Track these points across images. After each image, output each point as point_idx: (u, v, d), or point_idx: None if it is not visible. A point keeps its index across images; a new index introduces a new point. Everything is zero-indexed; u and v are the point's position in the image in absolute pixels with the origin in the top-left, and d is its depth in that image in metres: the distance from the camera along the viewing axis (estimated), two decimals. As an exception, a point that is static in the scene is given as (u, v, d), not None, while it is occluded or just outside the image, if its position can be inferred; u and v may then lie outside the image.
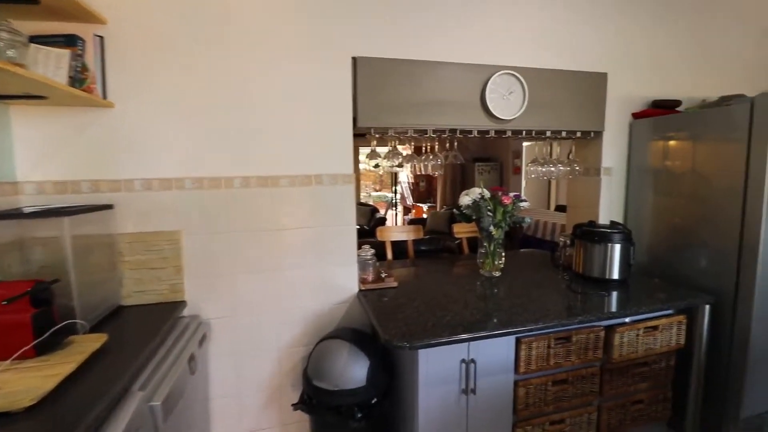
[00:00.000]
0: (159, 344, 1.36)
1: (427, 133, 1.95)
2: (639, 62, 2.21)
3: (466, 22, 1.91)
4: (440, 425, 1.47)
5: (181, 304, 1.64)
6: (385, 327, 1.44)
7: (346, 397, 1.52)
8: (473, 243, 2.42)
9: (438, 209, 7.40)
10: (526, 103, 1.98)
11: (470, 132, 1.99)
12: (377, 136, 1.93)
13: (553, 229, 4.80)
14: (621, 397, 1.70)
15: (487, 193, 2.00)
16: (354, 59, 1.76)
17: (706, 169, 1.85)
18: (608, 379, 1.66)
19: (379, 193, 10.76)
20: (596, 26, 2.12)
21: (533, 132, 2.09)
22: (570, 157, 2.29)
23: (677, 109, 2.15)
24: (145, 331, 1.38)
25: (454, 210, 2.08)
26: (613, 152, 2.23)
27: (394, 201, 9.04)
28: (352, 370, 1.56)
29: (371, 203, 8.37)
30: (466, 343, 1.46)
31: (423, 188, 8.93)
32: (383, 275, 1.94)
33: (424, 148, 2.23)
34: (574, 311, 1.58)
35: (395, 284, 1.90)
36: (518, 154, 6.50)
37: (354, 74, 1.77)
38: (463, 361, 1.48)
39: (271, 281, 1.77)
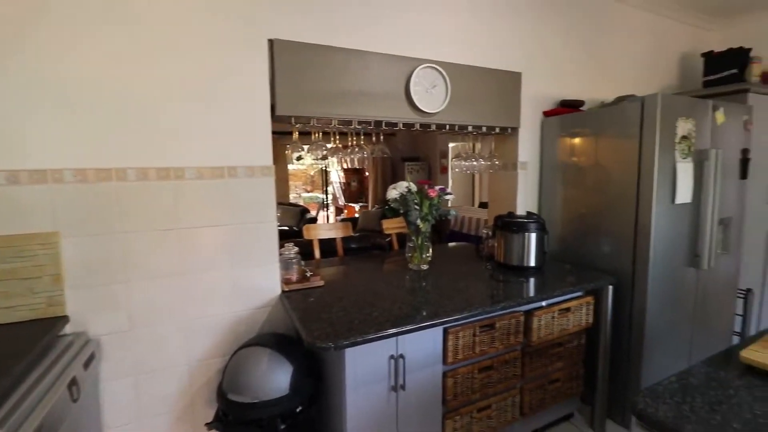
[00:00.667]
0: (27, 369, 1.11)
1: (352, 125, 1.89)
2: (549, 65, 2.37)
3: (390, 13, 1.89)
4: (370, 426, 1.41)
5: (61, 319, 1.37)
6: (309, 329, 1.34)
7: (268, 408, 1.39)
8: (403, 239, 2.41)
9: (370, 208, 7.40)
10: (448, 97, 2.00)
11: (396, 125, 1.96)
12: (298, 126, 1.81)
13: (477, 224, 5.04)
14: (540, 378, 1.79)
15: (413, 187, 1.99)
16: (271, 42, 1.63)
17: (606, 162, 2.03)
18: (528, 362, 1.73)
19: (310, 194, 10.50)
20: (513, 28, 2.23)
21: (456, 126, 2.13)
22: (491, 152, 2.39)
23: (581, 108, 2.35)
24: (10, 354, 1.13)
25: (385, 207, 2.04)
26: (528, 148, 2.36)
27: (325, 202, 8.86)
28: (274, 378, 1.43)
29: (302, 204, 8.10)
30: (395, 338, 1.41)
31: (355, 188, 8.85)
32: (309, 274, 1.83)
33: (350, 142, 2.16)
34: (496, 299, 1.62)
35: (321, 283, 1.80)
36: (445, 154, 6.75)
37: (271, 58, 1.64)
38: (392, 357, 1.43)
39: (177, 287, 1.56)
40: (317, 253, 2.40)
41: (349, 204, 8.73)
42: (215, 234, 1.60)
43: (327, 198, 8.90)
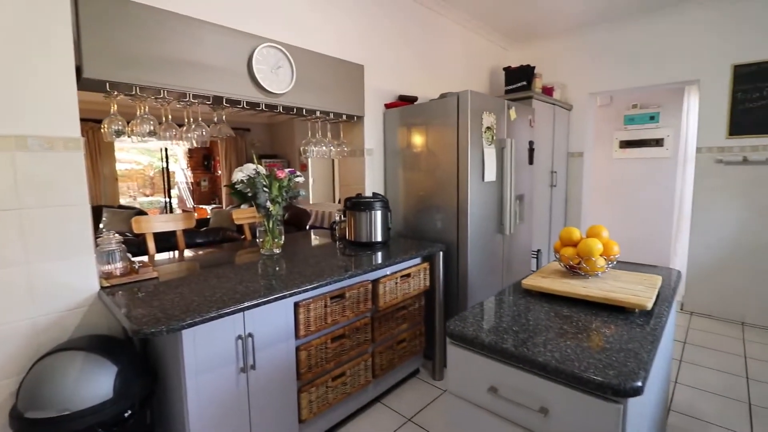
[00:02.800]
0: None
1: (187, 98, 1.73)
2: (388, 62, 2.62)
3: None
4: (217, 412, 1.32)
5: None
6: (134, 317, 1.18)
7: (83, 418, 1.16)
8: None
9: (224, 208, 6.85)
10: (294, 79, 2.02)
11: (239, 102, 1.88)
12: (116, 95, 1.57)
13: (336, 217, 5.19)
14: (389, 340, 1.96)
15: (262, 169, 1.94)
16: (71, -11, 1.37)
17: (435, 148, 2.35)
18: (378, 326, 1.88)
19: (150, 198, 9.09)
20: (356, 24, 2.39)
21: (304, 110, 2.16)
22: (340, 139, 2.50)
23: (415, 103, 2.66)
24: None
25: (227, 186, 1.92)
26: (373, 135, 2.56)
27: (169, 205, 7.81)
28: (91, 384, 1.21)
29: (138, 207, 6.96)
30: (241, 316, 1.36)
31: (206, 188, 8.08)
32: (138, 266, 1.61)
33: (186, 120, 1.96)
34: (346, 269, 1.71)
35: (155, 274, 1.60)
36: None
37: (75, 8, 1.38)
38: (239, 337, 1.37)
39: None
40: (152, 249, 2.11)
41: (200, 206, 7.92)
42: (-5, 220, 1.27)
43: (171, 201, 7.86)
